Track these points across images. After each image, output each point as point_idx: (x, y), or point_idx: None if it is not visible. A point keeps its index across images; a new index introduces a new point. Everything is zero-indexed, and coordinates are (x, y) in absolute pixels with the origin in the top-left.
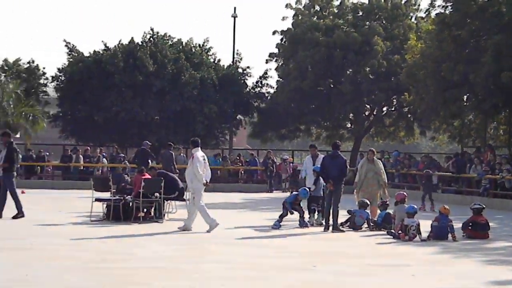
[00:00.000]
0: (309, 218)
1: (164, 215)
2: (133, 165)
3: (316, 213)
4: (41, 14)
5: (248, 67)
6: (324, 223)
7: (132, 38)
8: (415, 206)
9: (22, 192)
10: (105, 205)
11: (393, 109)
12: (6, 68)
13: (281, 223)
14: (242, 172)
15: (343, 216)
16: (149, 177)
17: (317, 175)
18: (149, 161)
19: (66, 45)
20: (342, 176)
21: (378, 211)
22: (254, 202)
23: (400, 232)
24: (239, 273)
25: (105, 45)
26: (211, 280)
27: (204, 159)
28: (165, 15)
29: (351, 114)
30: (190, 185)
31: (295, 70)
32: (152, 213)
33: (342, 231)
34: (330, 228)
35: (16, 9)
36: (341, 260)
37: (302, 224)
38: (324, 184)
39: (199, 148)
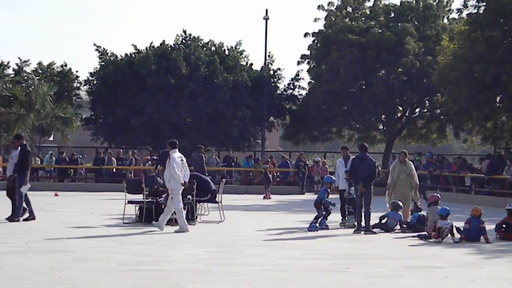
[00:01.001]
0: (345, 220)
1: (196, 217)
2: (161, 167)
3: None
4: (73, 18)
5: (279, 69)
6: (356, 225)
7: (163, 40)
8: (448, 208)
9: (56, 195)
10: (137, 207)
11: (425, 110)
12: (40, 71)
13: (317, 225)
14: (275, 174)
15: (374, 218)
16: None
17: (349, 177)
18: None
19: (96, 49)
20: (372, 178)
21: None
22: (286, 204)
23: (433, 232)
24: (271, 275)
25: (135, 47)
26: (244, 282)
27: (181, 160)
28: (196, 18)
29: (383, 116)
30: (168, 185)
31: (327, 71)
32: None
33: (374, 232)
34: (362, 229)
35: (49, 13)
36: (373, 262)
37: (323, 225)
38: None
39: (176, 149)
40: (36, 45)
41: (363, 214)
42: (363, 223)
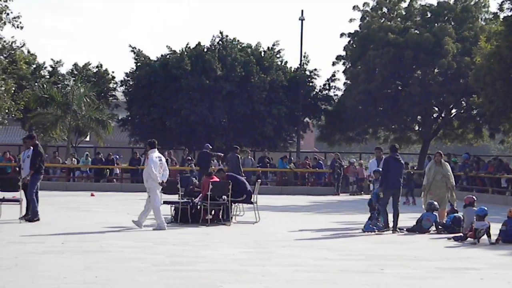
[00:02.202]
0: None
1: (231, 218)
2: (197, 168)
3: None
4: (109, 19)
5: (315, 69)
6: (386, 225)
7: (199, 42)
8: (486, 209)
9: (92, 195)
10: (173, 208)
11: (462, 111)
12: (76, 72)
13: (371, 225)
14: (307, 175)
15: (407, 219)
16: (218, 180)
17: (377, 177)
18: (211, 163)
19: (132, 50)
20: (401, 179)
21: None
22: (321, 205)
23: (470, 232)
24: (305, 275)
25: (170, 49)
26: (278, 282)
27: (160, 160)
28: (232, 19)
29: (418, 117)
30: (146, 184)
31: (362, 72)
32: (220, 216)
33: (402, 230)
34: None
35: (85, 14)
36: (408, 263)
37: (368, 228)
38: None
39: (156, 149)
40: (71, 46)
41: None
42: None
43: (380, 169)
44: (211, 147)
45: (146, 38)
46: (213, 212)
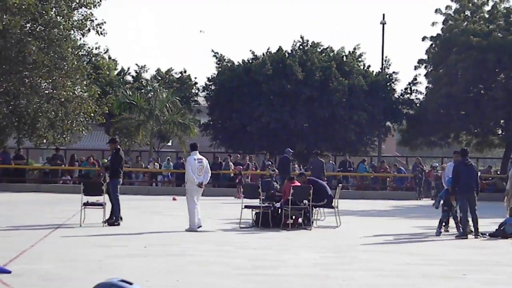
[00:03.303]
0: (447, 226)
1: (312, 222)
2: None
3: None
4: (192, 24)
5: (394, 72)
6: (466, 230)
7: (280, 46)
8: None
9: (174, 199)
10: (254, 212)
11: None
12: (159, 78)
13: (441, 230)
14: (389, 179)
15: (488, 225)
16: (299, 184)
17: (453, 182)
18: (292, 167)
19: (214, 55)
20: (477, 183)
21: None
22: (402, 209)
23: None
24: (387, 280)
25: (253, 53)
26: (360, 287)
27: (199, 162)
28: (313, 23)
29: (502, 120)
30: (186, 186)
31: (445, 75)
32: (301, 220)
33: (485, 236)
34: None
35: (167, 20)
36: (491, 268)
37: (438, 231)
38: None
39: (196, 151)
40: (154, 51)
41: (463, 218)
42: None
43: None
44: (292, 151)
45: (228, 43)
46: (294, 217)
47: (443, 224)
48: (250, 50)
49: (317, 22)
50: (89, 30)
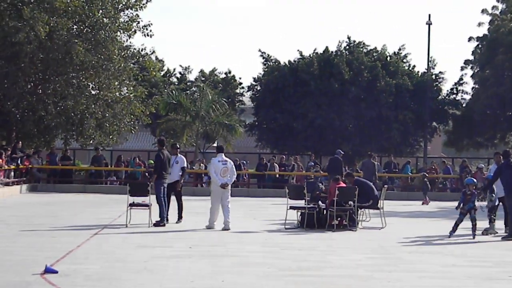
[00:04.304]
0: (488, 227)
1: (357, 223)
2: (324, 173)
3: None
4: (238, 24)
5: (440, 72)
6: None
7: (326, 46)
8: None
9: None
10: (299, 213)
11: None
12: (203, 78)
13: (475, 232)
14: (437, 180)
15: None
16: (344, 185)
17: (489, 183)
18: (343, 169)
19: (261, 55)
20: None
21: None
22: (448, 210)
23: None
24: (433, 282)
25: (300, 53)
26: None
27: (224, 164)
28: (359, 23)
29: None
30: (210, 187)
31: (491, 76)
32: (346, 221)
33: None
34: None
35: (213, 20)
36: None
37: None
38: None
39: (222, 153)
40: (199, 52)
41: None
42: None
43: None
44: (342, 153)
45: (274, 43)
46: (339, 218)
47: (460, 226)
48: (298, 50)
49: (362, 22)
50: (135, 31)
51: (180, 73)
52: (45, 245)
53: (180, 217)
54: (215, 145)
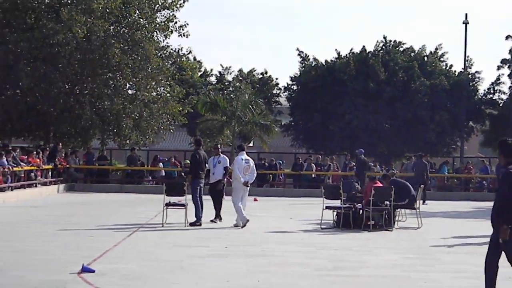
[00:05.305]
0: None
1: (394, 223)
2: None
3: None
4: (276, 24)
5: (476, 72)
6: None
7: (363, 46)
8: None
9: (255, 200)
10: (335, 213)
11: None
12: (240, 78)
13: None
14: (473, 180)
15: None
16: (380, 185)
17: None
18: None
19: (299, 54)
20: None
21: None
22: (485, 210)
23: None
24: (469, 282)
25: (338, 53)
26: None
27: (246, 162)
28: (396, 23)
29: None
30: (232, 184)
31: None
32: (382, 221)
33: None
34: None
35: (251, 21)
36: None
37: None
38: None
39: (244, 152)
40: (237, 52)
41: None
42: None
43: None
44: (363, 151)
45: (313, 43)
46: (375, 218)
47: None
48: (335, 50)
49: (399, 22)
50: (171, 32)
51: (219, 72)
52: (82, 244)
53: (217, 216)
54: (251, 145)
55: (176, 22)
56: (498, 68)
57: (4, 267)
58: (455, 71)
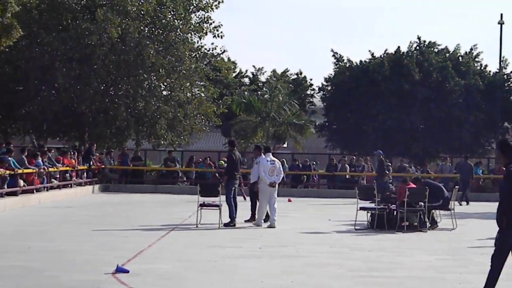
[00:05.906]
0: None
1: (429, 224)
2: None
3: None
4: (310, 25)
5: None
6: None
7: (398, 47)
8: None
9: (289, 200)
10: (369, 214)
11: None
12: (274, 79)
13: None
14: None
15: None
16: (414, 186)
17: None
18: (385, 169)
19: (333, 55)
20: None
21: None
22: None
23: None
24: (503, 284)
25: (372, 54)
26: None
27: (272, 164)
28: (431, 23)
29: None
30: (259, 185)
31: None
32: (416, 222)
33: None
34: None
35: (287, 21)
36: None
37: None
38: None
39: (270, 153)
40: (270, 53)
41: None
42: None
43: None
44: (382, 152)
45: (347, 43)
46: (409, 219)
47: None
48: (369, 51)
49: (434, 22)
50: (206, 33)
51: (252, 73)
52: (116, 244)
53: (253, 216)
54: (285, 145)
55: (211, 23)
56: None
57: (40, 267)
58: (490, 71)
